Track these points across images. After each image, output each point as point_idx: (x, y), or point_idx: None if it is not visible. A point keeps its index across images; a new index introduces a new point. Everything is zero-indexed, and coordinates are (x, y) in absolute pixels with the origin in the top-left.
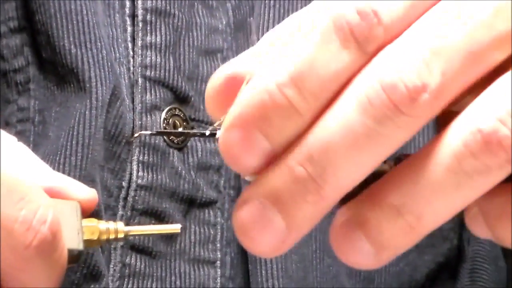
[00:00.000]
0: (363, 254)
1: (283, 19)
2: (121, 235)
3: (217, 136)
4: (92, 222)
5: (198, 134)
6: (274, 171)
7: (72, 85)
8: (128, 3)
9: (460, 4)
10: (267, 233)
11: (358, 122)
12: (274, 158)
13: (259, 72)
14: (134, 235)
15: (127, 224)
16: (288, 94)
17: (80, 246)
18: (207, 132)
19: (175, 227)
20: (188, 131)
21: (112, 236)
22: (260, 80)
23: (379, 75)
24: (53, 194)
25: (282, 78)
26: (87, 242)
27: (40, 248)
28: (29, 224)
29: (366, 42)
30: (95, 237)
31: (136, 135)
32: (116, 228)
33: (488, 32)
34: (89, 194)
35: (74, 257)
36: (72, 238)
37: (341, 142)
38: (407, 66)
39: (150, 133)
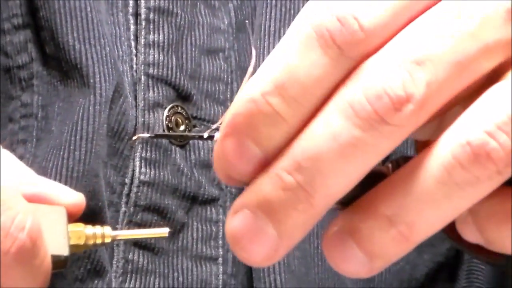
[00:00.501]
0: (355, 262)
1: (284, 18)
2: (108, 240)
3: (215, 138)
4: (78, 227)
5: (196, 137)
6: (264, 180)
7: (75, 81)
8: (131, 2)
9: (446, 15)
10: (259, 242)
11: (343, 132)
12: (268, 165)
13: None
14: (121, 240)
15: (129, 221)
16: (272, 102)
17: (65, 251)
18: (205, 135)
19: (162, 231)
20: (187, 133)
21: (99, 241)
22: (247, 90)
23: (364, 85)
24: (38, 199)
25: (266, 86)
26: (73, 247)
27: (19, 255)
28: (7, 231)
29: (348, 47)
30: (81, 242)
31: (135, 137)
32: (103, 232)
33: (474, 42)
34: (76, 198)
35: (61, 262)
36: (58, 244)
37: (327, 151)
38: (392, 77)
39: (149, 136)
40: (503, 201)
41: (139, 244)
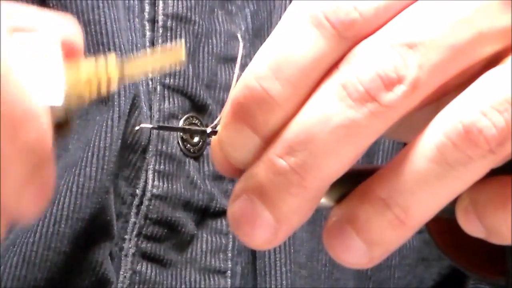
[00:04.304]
0: (355, 251)
1: None
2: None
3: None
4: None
5: (199, 131)
6: (258, 165)
7: None
8: (147, 8)
9: (442, 1)
10: (258, 227)
11: (336, 113)
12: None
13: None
14: (133, 72)
15: (139, 233)
16: (266, 87)
17: (60, 101)
18: (208, 130)
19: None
20: (190, 127)
21: (103, 82)
22: (243, 76)
23: (356, 67)
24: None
25: (262, 70)
26: (71, 95)
27: None
28: None
29: (342, 27)
30: (81, 87)
31: (137, 127)
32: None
33: (468, 29)
34: (73, 28)
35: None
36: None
37: (319, 133)
38: (383, 59)
39: (152, 127)
40: (501, 187)
41: (147, 256)
